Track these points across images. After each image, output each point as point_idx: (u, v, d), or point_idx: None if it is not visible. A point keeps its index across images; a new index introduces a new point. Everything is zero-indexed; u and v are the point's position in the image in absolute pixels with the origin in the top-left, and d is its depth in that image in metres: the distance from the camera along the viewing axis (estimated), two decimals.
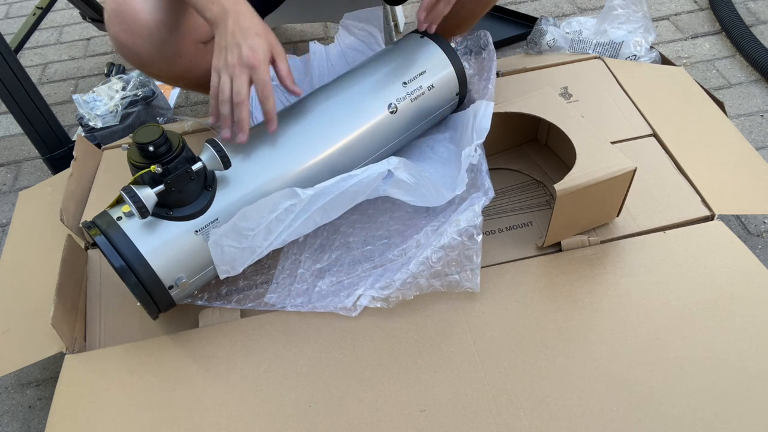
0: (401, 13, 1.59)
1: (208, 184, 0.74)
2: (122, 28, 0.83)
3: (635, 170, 0.79)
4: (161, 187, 0.69)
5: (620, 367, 0.72)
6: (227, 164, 0.72)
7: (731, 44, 1.42)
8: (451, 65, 0.90)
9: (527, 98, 0.91)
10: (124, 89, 1.24)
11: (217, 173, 0.75)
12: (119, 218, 0.71)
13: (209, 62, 0.93)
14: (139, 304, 0.75)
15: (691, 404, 0.68)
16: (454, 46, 0.96)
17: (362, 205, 0.82)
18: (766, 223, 1.05)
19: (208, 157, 0.72)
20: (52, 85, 1.58)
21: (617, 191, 0.82)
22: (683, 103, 1.06)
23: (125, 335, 0.83)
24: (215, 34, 0.76)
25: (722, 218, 0.86)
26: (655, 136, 0.99)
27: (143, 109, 1.24)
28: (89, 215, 0.98)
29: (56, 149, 1.21)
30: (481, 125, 0.84)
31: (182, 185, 0.71)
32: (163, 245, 0.71)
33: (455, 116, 0.96)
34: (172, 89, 1.47)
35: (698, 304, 0.77)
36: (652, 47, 1.19)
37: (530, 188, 0.96)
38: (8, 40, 1.18)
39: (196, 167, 0.71)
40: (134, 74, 1.27)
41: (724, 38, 1.44)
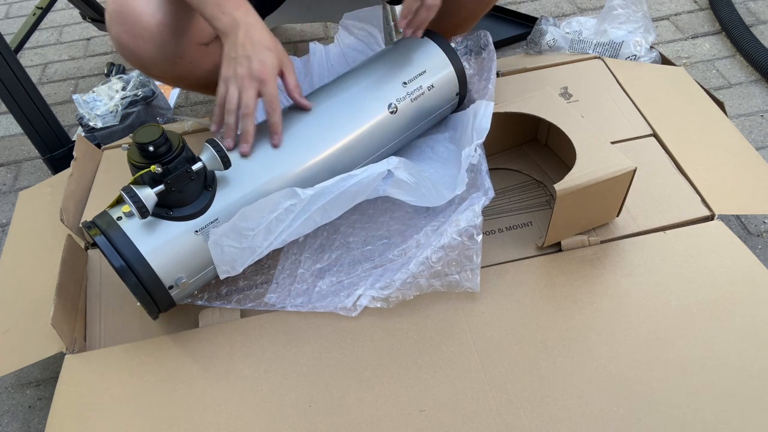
0: None
1: (208, 184, 0.74)
2: (124, 29, 0.83)
3: (635, 170, 0.79)
4: (161, 187, 0.69)
5: (620, 367, 0.72)
6: (227, 164, 0.72)
7: (731, 44, 1.42)
8: (451, 65, 0.90)
9: (527, 98, 0.91)
10: (124, 89, 1.24)
11: (217, 173, 0.76)
12: (119, 218, 0.71)
13: (210, 63, 0.93)
14: (139, 304, 0.75)
15: (691, 404, 0.68)
16: (454, 46, 0.96)
17: (362, 205, 0.82)
18: (766, 223, 1.05)
19: (208, 157, 0.72)
20: (52, 85, 1.58)
21: (617, 191, 0.82)
22: (683, 103, 1.06)
23: (125, 335, 0.83)
24: (224, 44, 0.76)
25: (722, 218, 0.86)
26: (655, 136, 0.99)
27: (143, 109, 1.23)
28: (89, 215, 0.98)
29: (56, 149, 1.21)
30: (481, 125, 0.84)
31: (182, 185, 0.71)
32: (163, 245, 0.71)
33: (455, 116, 0.96)
34: (172, 89, 1.46)
35: (698, 304, 0.77)
36: (652, 47, 1.19)
37: (530, 188, 0.96)
38: (8, 40, 1.18)
39: (196, 167, 0.71)
40: (134, 74, 1.27)
41: (724, 38, 1.44)
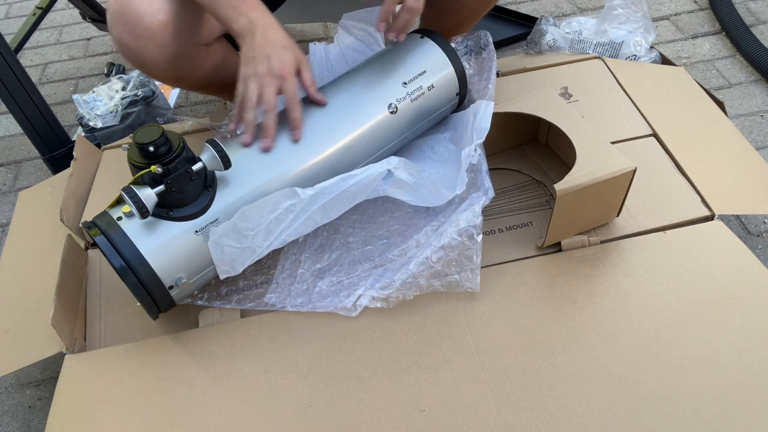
0: None
1: (208, 184, 0.74)
2: (126, 29, 0.83)
3: (635, 170, 0.79)
4: (161, 187, 0.69)
5: (620, 367, 0.72)
6: (227, 164, 0.72)
7: (731, 44, 1.42)
8: (451, 65, 0.90)
9: (527, 98, 0.91)
10: (124, 89, 1.24)
11: (217, 173, 0.75)
12: (119, 218, 0.71)
13: (211, 64, 0.94)
14: (139, 304, 0.75)
15: (691, 404, 0.68)
16: (454, 46, 0.96)
17: (362, 205, 0.82)
18: (766, 223, 1.05)
19: (208, 157, 0.72)
20: (52, 85, 1.58)
21: (617, 191, 0.82)
22: (683, 103, 1.06)
23: (125, 335, 0.83)
24: (242, 45, 0.77)
25: (722, 218, 0.86)
26: (655, 136, 0.99)
27: (143, 109, 1.24)
28: (89, 215, 0.98)
29: (56, 149, 1.21)
30: (481, 125, 0.84)
31: (182, 185, 0.71)
32: (163, 245, 0.71)
33: (455, 116, 0.96)
34: (172, 89, 1.47)
35: (698, 304, 0.77)
36: (652, 47, 1.19)
37: (530, 188, 0.96)
38: (8, 40, 1.18)
39: (196, 167, 0.71)
40: (134, 74, 1.27)
41: (724, 38, 1.44)
